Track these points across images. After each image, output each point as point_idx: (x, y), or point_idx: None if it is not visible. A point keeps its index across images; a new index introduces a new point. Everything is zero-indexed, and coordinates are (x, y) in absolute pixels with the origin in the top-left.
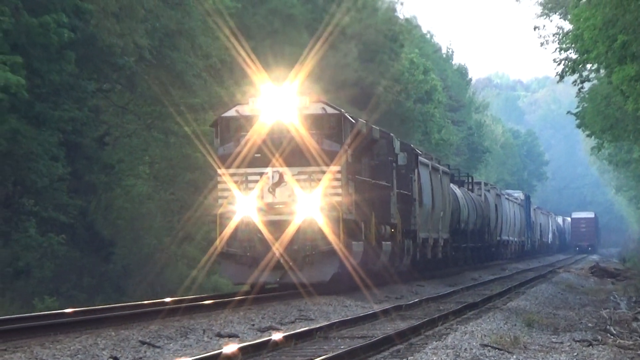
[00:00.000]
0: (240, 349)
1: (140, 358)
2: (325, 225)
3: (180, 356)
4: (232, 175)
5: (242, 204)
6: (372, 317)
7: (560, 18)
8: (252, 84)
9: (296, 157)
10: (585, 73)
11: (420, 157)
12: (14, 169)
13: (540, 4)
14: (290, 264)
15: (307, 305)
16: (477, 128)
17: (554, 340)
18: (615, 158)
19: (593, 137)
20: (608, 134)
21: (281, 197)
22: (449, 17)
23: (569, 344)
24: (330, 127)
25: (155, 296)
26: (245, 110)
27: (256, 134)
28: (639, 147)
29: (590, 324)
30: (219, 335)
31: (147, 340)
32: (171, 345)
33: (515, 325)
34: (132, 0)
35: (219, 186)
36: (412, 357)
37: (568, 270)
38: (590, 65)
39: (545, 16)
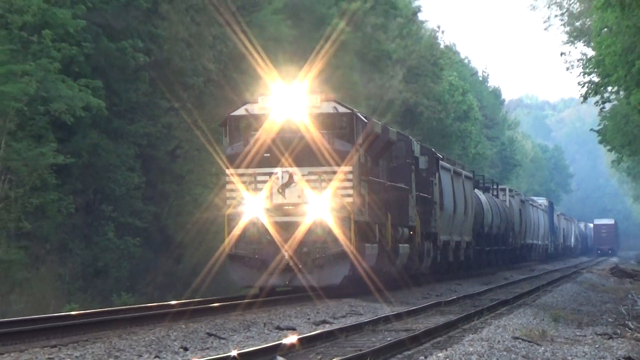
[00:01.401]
0: (299, 340)
1: (208, 348)
2: (336, 227)
3: (243, 347)
4: (240, 175)
5: (250, 204)
6: (415, 312)
7: (584, 45)
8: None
9: (306, 157)
10: (606, 94)
11: (441, 162)
12: (95, 179)
13: (566, 33)
14: (300, 266)
15: (357, 302)
16: (509, 143)
17: (578, 333)
18: (633, 170)
19: (613, 151)
20: (627, 149)
21: (291, 197)
22: (485, 43)
23: (591, 337)
24: (341, 127)
25: (220, 293)
26: (254, 108)
27: (265, 133)
28: None
29: (610, 319)
30: (278, 328)
31: (214, 332)
32: (235, 336)
33: (543, 320)
34: (200, 28)
35: (228, 186)
36: (450, 348)
37: (590, 271)
38: (611, 87)
39: (570, 43)
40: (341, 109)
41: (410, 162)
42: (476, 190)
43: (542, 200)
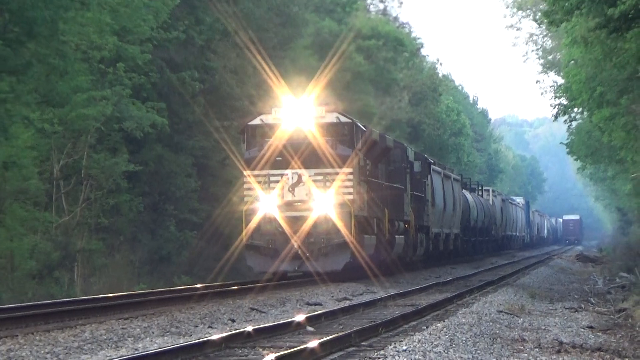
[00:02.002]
0: (323, 313)
1: (251, 320)
2: (338, 220)
3: (280, 319)
4: (256, 176)
5: (264, 201)
6: (419, 291)
7: (555, 74)
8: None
9: (313, 160)
10: (573, 114)
11: (433, 166)
12: (159, 183)
13: (541, 64)
14: (307, 254)
15: (371, 282)
16: (495, 154)
17: (550, 307)
18: (594, 176)
19: (579, 160)
20: (589, 159)
21: (299, 195)
22: (475, 72)
23: (561, 310)
24: (343, 134)
25: (244, 277)
26: (268, 118)
27: (278, 139)
28: (612, 168)
29: (576, 296)
30: (308, 304)
31: (256, 307)
32: (273, 310)
33: (522, 297)
34: (244, 61)
35: (245, 186)
36: (447, 320)
37: (560, 257)
38: (577, 109)
39: (544, 73)
40: (343, 119)
41: (405, 166)
42: (464, 190)
43: (519, 199)
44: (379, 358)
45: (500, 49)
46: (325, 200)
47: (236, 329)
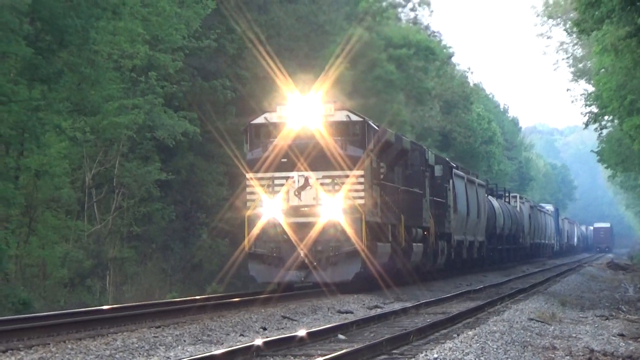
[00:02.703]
0: (354, 322)
1: (282, 328)
2: (348, 227)
3: (311, 327)
4: (259, 179)
5: (268, 206)
6: (450, 299)
7: (585, 82)
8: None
9: (321, 161)
10: (603, 122)
11: (455, 170)
12: (191, 192)
13: (571, 73)
14: (315, 264)
15: (403, 290)
16: (525, 162)
17: (580, 315)
18: (625, 184)
19: (609, 168)
20: (620, 167)
21: (306, 200)
22: (506, 81)
23: (591, 318)
24: (354, 134)
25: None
26: (273, 117)
27: (283, 139)
28: None
29: (607, 304)
30: (339, 312)
31: (288, 315)
32: (304, 319)
33: (553, 304)
34: (274, 70)
35: (247, 189)
36: (478, 328)
37: (591, 265)
38: (607, 117)
39: (574, 81)
40: (353, 117)
41: (424, 169)
42: (490, 196)
43: (549, 207)
44: None
45: (531, 57)
46: (334, 205)
47: (268, 337)
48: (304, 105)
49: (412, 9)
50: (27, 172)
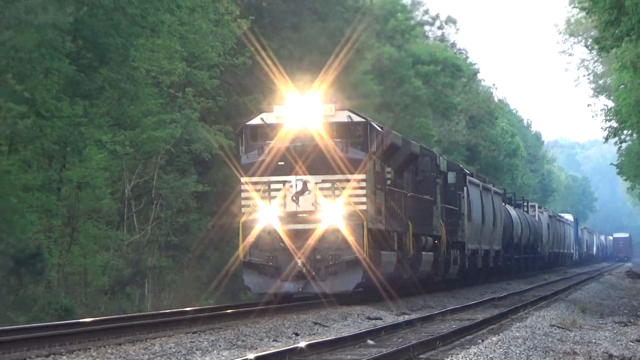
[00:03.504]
0: (383, 327)
1: (314, 334)
2: (349, 234)
3: (342, 332)
4: (255, 183)
5: (264, 212)
6: (474, 306)
7: (605, 98)
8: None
9: (320, 165)
10: (622, 137)
11: (469, 177)
12: (227, 203)
13: (592, 89)
14: (313, 273)
15: (430, 297)
16: (548, 175)
17: (600, 322)
18: None
19: (628, 181)
20: (639, 179)
21: (305, 205)
22: (530, 97)
23: (611, 325)
24: (356, 135)
25: None
26: (270, 117)
27: (280, 141)
28: None
29: (625, 311)
30: (369, 318)
31: (319, 322)
32: (335, 325)
33: (573, 311)
34: (308, 85)
35: (242, 195)
36: (502, 334)
37: (610, 274)
38: (627, 131)
39: (595, 97)
40: (355, 118)
41: (436, 176)
42: (507, 205)
43: (568, 216)
44: None
45: (554, 73)
46: (334, 211)
47: (299, 344)
48: (303, 105)
49: (439, 27)
50: (69, 184)
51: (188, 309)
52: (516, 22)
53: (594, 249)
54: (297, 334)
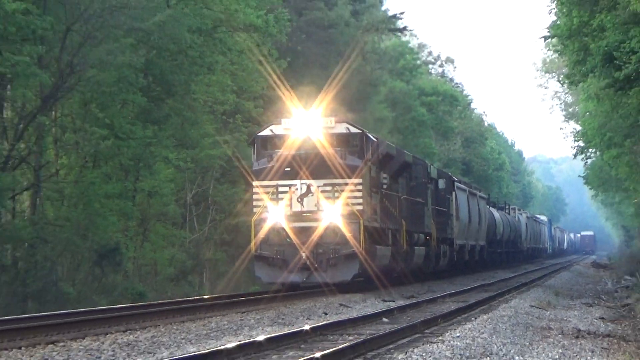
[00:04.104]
0: (397, 308)
1: (339, 313)
2: (347, 231)
3: (362, 312)
4: (265, 187)
5: (273, 212)
6: (469, 290)
7: (574, 123)
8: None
9: (322, 170)
10: (588, 154)
11: (457, 184)
12: None
13: (564, 115)
14: (316, 265)
15: (434, 284)
16: (528, 185)
17: (570, 303)
18: (605, 201)
19: (593, 189)
20: (601, 188)
21: (308, 206)
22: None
23: (579, 305)
24: (353, 145)
25: None
26: (278, 129)
27: (287, 150)
28: (618, 195)
29: (591, 294)
30: (384, 301)
31: (344, 303)
32: (357, 306)
33: (549, 295)
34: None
35: (254, 197)
36: (491, 312)
37: (578, 264)
38: (591, 149)
39: (566, 121)
40: (353, 130)
41: (427, 181)
42: (492, 208)
43: (543, 217)
44: (438, 342)
45: (533, 102)
46: (334, 211)
47: (328, 320)
48: (307, 118)
49: (440, 65)
50: (141, 193)
51: (238, 293)
52: (503, 61)
53: (565, 244)
54: (326, 313)
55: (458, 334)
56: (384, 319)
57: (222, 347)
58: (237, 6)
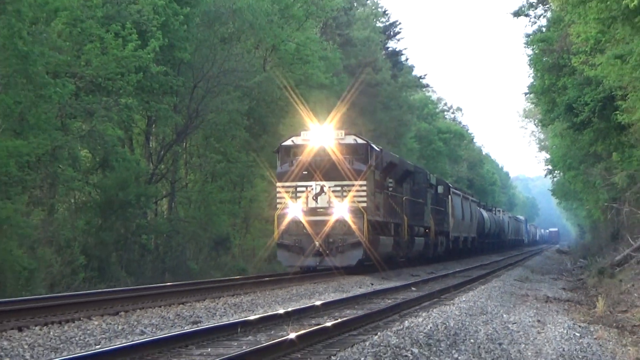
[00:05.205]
0: (420, 280)
1: (381, 284)
2: (352, 224)
3: (397, 283)
4: (286, 187)
5: (292, 208)
6: (472, 269)
7: (545, 152)
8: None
9: (333, 174)
10: (555, 174)
11: (453, 190)
12: None
13: (538, 146)
14: (327, 252)
15: (440, 265)
16: (512, 196)
17: (541, 277)
18: (566, 207)
19: (558, 199)
20: (563, 198)
21: (321, 203)
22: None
23: (548, 279)
24: (359, 153)
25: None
26: (298, 139)
27: (305, 157)
28: (575, 203)
29: (556, 271)
30: (412, 275)
31: (385, 277)
32: (394, 279)
33: (526, 271)
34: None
35: (277, 195)
36: (487, 284)
37: (547, 251)
38: (557, 171)
39: (539, 151)
40: (359, 141)
41: (427, 186)
42: (482, 209)
43: (521, 217)
44: (450, 304)
45: (516, 138)
46: (342, 207)
47: (374, 289)
48: (322, 131)
49: (452, 112)
50: (245, 200)
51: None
52: (495, 108)
53: (537, 237)
54: (372, 284)
55: (464, 299)
56: (413, 288)
57: (308, 306)
58: (312, 70)
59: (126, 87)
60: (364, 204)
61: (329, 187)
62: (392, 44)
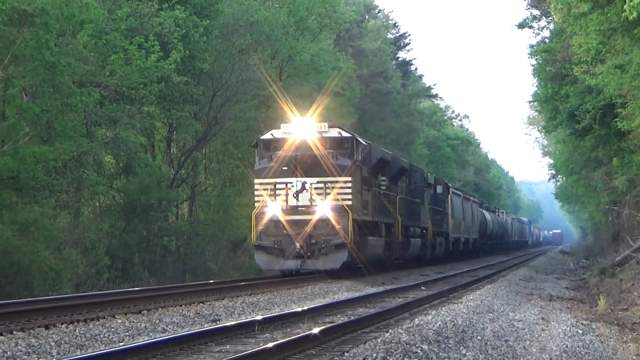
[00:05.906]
0: (429, 280)
1: (392, 283)
2: (336, 223)
3: (407, 283)
4: (265, 184)
5: (271, 206)
6: (478, 269)
7: (549, 158)
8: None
9: (315, 169)
10: (558, 178)
11: (453, 190)
12: None
13: (541, 152)
14: (309, 254)
15: (441, 267)
16: (517, 199)
17: (545, 277)
18: (569, 210)
19: (561, 202)
20: (566, 201)
21: (303, 201)
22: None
23: (551, 279)
24: (344, 147)
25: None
26: (278, 133)
27: (285, 151)
28: (578, 206)
29: (559, 271)
30: (422, 275)
31: (396, 277)
32: (405, 278)
33: (531, 271)
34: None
35: (255, 193)
36: (494, 283)
37: (550, 252)
38: (560, 175)
39: (543, 157)
40: (344, 134)
41: (423, 185)
42: (485, 211)
43: (525, 218)
44: (458, 303)
45: (521, 143)
46: (325, 205)
47: (385, 288)
48: (303, 123)
49: (460, 120)
50: None
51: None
52: (502, 115)
53: (541, 238)
54: (384, 283)
55: (471, 297)
56: (422, 287)
57: (323, 304)
58: (327, 80)
59: (149, 96)
60: (349, 202)
61: (311, 183)
62: (402, 55)
